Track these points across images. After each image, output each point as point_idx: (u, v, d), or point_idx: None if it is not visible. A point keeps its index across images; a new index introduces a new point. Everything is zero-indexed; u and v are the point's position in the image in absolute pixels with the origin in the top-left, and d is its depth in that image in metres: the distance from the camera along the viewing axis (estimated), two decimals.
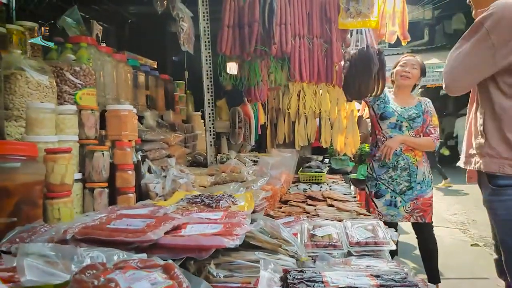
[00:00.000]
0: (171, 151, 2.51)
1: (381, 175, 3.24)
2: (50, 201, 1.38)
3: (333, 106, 4.75)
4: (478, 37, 1.79)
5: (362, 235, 1.65)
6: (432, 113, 3.16)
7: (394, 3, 2.78)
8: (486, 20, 1.76)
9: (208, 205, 1.49)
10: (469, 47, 1.83)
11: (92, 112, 1.78)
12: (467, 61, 1.85)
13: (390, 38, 2.80)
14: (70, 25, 3.12)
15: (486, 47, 1.77)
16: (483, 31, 1.76)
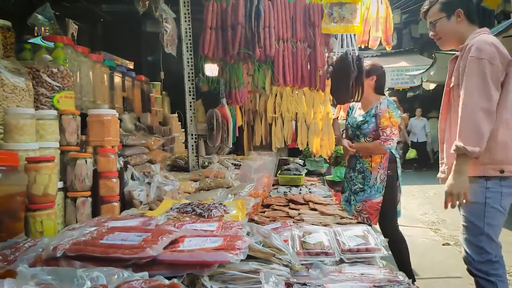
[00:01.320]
0: (152, 156, 2.43)
1: (346, 174, 3.63)
2: (32, 213, 1.29)
3: (309, 108, 4.79)
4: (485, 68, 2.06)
5: (353, 242, 1.65)
6: (381, 115, 3.12)
7: (378, 9, 2.82)
8: (481, 54, 2.07)
9: (200, 215, 1.45)
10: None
11: (73, 117, 1.69)
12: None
13: (373, 43, 2.84)
14: (42, 23, 2.98)
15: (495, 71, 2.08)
16: (485, 63, 2.06)
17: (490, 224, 2.16)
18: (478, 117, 2.07)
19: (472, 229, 2.21)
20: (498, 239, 2.22)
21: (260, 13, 2.27)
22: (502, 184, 2.17)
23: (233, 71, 2.88)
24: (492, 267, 2.18)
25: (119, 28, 4.90)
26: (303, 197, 2.94)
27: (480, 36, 2.17)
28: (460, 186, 2.13)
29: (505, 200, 2.19)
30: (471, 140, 2.06)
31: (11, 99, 1.63)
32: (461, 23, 2.30)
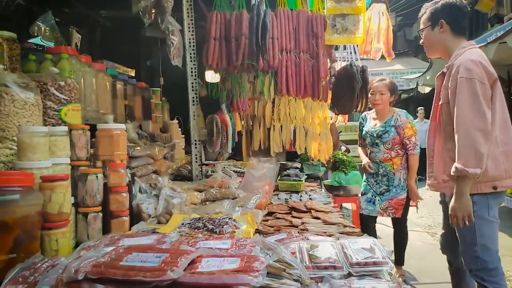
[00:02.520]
0: (157, 166, 2.44)
1: (368, 178, 4.00)
2: (48, 231, 1.31)
3: (307, 113, 4.82)
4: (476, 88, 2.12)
5: (361, 255, 1.67)
6: (404, 126, 3.63)
7: (379, 21, 2.86)
8: (471, 74, 2.13)
9: (212, 231, 1.47)
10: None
11: (83, 132, 1.71)
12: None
13: (375, 55, 2.88)
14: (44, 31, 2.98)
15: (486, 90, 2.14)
16: (475, 83, 2.12)
17: (482, 234, 2.25)
18: (476, 138, 2.10)
19: (466, 241, 2.32)
20: (496, 246, 2.29)
21: (267, 26, 2.29)
22: (489, 197, 2.26)
23: (235, 80, 2.90)
24: (488, 274, 2.26)
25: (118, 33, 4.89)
26: (305, 205, 2.97)
27: (467, 54, 2.22)
28: (463, 208, 2.18)
29: (493, 210, 2.27)
30: (471, 162, 2.10)
31: (22, 114, 1.64)
32: (444, 34, 2.34)
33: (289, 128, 5.42)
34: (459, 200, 2.19)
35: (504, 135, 2.24)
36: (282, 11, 2.62)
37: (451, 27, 2.33)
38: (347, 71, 2.55)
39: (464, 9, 2.36)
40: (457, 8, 2.33)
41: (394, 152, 3.77)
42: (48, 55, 2.28)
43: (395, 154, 3.77)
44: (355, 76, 2.47)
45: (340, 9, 2.54)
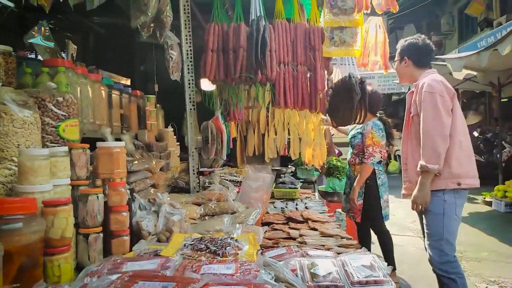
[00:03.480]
0: (154, 179, 2.43)
1: (346, 179, 4.37)
2: (50, 257, 1.29)
3: (301, 119, 4.84)
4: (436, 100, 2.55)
5: (362, 273, 1.68)
6: (366, 135, 3.83)
7: (376, 34, 2.88)
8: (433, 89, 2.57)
9: (214, 253, 1.46)
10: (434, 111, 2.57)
11: (83, 151, 1.69)
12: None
13: (372, 67, 2.90)
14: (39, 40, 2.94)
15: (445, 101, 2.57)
16: (436, 96, 2.54)
17: (448, 230, 2.63)
18: (435, 140, 2.55)
19: (434, 235, 2.68)
20: (455, 242, 2.69)
21: (266, 42, 2.29)
22: (456, 196, 2.65)
23: (232, 91, 2.90)
24: (451, 266, 2.64)
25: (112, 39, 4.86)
26: (301, 214, 2.98)
27: (430, 76, 2.69)
28: (423, 197, 2.62)
29: (459, 209, 2.69)
30: (431, 159, 2.56)
31: (21, 133, 1.62)
32: (408, 67, 2.85)
33: (284, 134, 5.45)
34: (421, 190, 2.62)
35: (467, 141, 2.69)
36: (279, 23, 2.62)
37: (413, 62, 2.84)
38: (346, 82, 2.57)
39: (424, 48, 2.83)
40: (418, 47, 2.82)
41: (358, 159, 4.01)
42: (45, 68, 2.25)
43: (359, 160, 4.00)
44: (354, 87, 2.50)
45: (338, 22, 2.55)
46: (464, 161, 2.65)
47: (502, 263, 4.72)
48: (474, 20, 13.02)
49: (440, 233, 2.64)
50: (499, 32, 8.29)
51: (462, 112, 2.69)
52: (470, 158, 2.70)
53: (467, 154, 2.67)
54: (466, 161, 2.66)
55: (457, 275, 2.63)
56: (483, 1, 12.17)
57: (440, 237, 2.64)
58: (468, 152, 2.69)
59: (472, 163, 2.71)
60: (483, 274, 4.40)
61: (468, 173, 2.66)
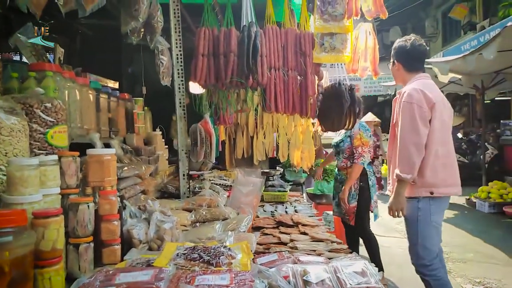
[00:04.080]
0: (144, 186, 2.41)
1: (335, 184, 4.38)
2: (40, 270, 1.26)
3: (290, 121, 4.86)
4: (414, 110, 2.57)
5: (354, 280, 1.69)
6: (354, 136, 3.95)
7: (366, 40, 2.90)
8: (411, 99, 2.59)
9: (208, 262, 1.45)
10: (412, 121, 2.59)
11: (73, 159, 1.66)
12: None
13: (362, 73, 2.92)
14: (25, 44, 2.89)
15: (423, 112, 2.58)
16: (414, 106, 2.57)
17: (423, 236, 2.68)
18: (410, 150, 2.57)
19: (410, 240, 2.79)
20: (434, 247, 2.72)
21: (257, 48, 2.29)
22: (431, 203, 2.68)
23: (222, 95, 2.89)
24: (426, 269, 2.71)
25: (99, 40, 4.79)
26: (292, 218, 3.00)
27: (413, 84, 2.70)
28: (398, 204, 2.67)
29: (435, 216, 2.70)
30: (405, 168, 2.60)
31: (8, 141, 1.58)
32: (399, 70, 2.85)
33: (272, 136, 5.45)
34: (396, 198, 2.67)
35: (444, 149, 2.68)
36: (270, 28, 2.62)
37: (402, 66, 2.83)
38: (336, 89, 2.59)
39: (412, 52, 2.79)
40: (406, 51, 2.80)
41: (350, 162, 4.06)
42: (32, 72, 2.20)
43: (350, 164, 4.05)
44: (344, 94, 2.52)
45: (328, 28, 2.56)
46: (440, 170, 2.65)
47: (487, 264, 4.81)
48: (458, 24, 13.26)
49: (415, 238, 2.71)
50: (482, 36, 8.44)
51: (444, 120, 2.69)
52: (447, 166, 2.70)
53: (443, 163, 2.67)
54: (442, 170, 2.66)
55: (431, 277, 2.70)
56: (466, 5, 12.40)
57: (415, 242, 2.72)
58: (445, 161, 2.68)
59: (449, 171, 2.71)
60: (468, 275, 4.48)
61: (445, 182, 2.68)
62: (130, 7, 2.01)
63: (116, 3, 2.23)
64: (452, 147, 2.78)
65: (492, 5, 11.03)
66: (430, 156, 2.63)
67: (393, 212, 2.72)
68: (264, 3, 2.80)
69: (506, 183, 8.01)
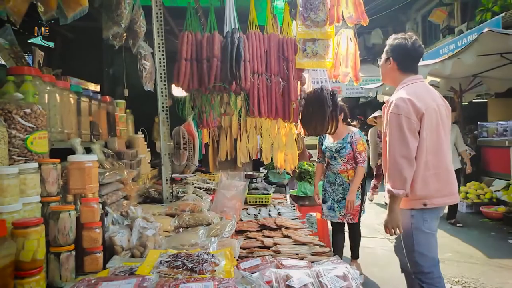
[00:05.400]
0: (126, 191, 2.39)
1: (327, 187, 4.48)
2: (21, 281, 1.24)
3: (273, 124, 4.88)
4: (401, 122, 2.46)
5: (336, 284, 1.72)
6: (357, 142, 4.21)
7: (347, 46, 2.95)
8: (398, 110, 2.47)
9: (191, 270, 1.45)
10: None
11: (53, 166, 1.64)
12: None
13: (343, 79, 2.97)
14: (3, 46, 2.83)
15: (411, 123, 2.47)
16: (401, 118, 2.46)
17: (418, 243, 2.61)
18: (400, 164, 2.47)
19: (407, 248, 2.69)
20: (432, 253, 2.66)
21: (241, 54, 2.30)
22: (424, 212, 2.60)
23: (205, 99, 2.89)
24: (425, 276, 2.63)
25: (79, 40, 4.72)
26: (275, 221, 3.01)
27: (400, 92, 2.56)
28: (393, 221, 2.56)
29: (428, 223, 2.62)
30: (396, 184, 2.49)
31: None
32: (392, 69, 2.67)
33: (256, 138, 5.46)
34: (390, 214, 2.57)
35: (436, 159, 2.56)
36: (253, 34, 2.64)
37: (398, 65, 2.65)
38: (318, 94, 2.62)
39: (413, 53, 2.62)
40: (406, 50, 2.61)
41: (349, 165, 4.28)
42: (10, 76, 2.15)
43: (350, 167, 4.28)
44: (326, 100, 2.55)
45: (310, 34, 2.59)
46: (431, 181, 2.55)
47: (465, 263, 4.93)
48: (437, 27, 13.54)
49: (411, 245, 2.64)
50: (460, 40, 8.66)
51: (437, 130, 2.57)
52: (439, 176, 2.58)
53: (435, 173, 2.56)
54: (434, 181, 2.56)
55: (428, 286, 2.62)
56: (445, 9, 12.68)
57: (411, 249, 2.64)
58: (438, 171, 2.57)
59: (443, 181, 2.59)
60: (447, 275, 4.57)
61: (439, 192, 2.58)
62: (112, 12, 1.99)
63: (98, 7, 2.20)
64: (445, 154, 2.63)
65: (470, 10, 11.31)
66: (420, 168, 2.52)
67: (389, 230, 2.60)
68: (247, 7, 2.81)
69: (483, 183, 8.22)
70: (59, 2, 1.56)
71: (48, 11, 1.53)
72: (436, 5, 13.20)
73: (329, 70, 3.00)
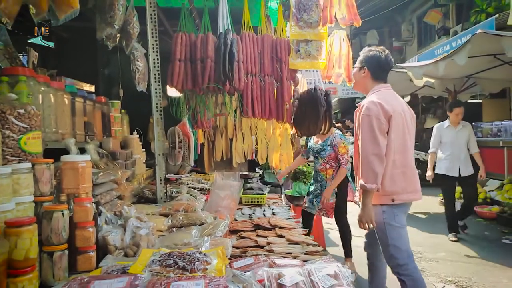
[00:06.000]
0: (120, 191, 2.40)
1: (310, 184, 4.91)
2: (13, 279, 1.26)
3: (268, 125, 4.90)
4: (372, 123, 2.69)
5: (327, 283, 1.74)
6: (338, 145, 4.45)
7: (340, 47, 2.98)
8: (369, 112, 2.71)
9: (183, 268, 1.47)
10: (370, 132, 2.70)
11: (47, 166, 1.65)
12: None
13: (336, 79, 3.00)
14: None
15: (381, 124, 2.70)
16: (372, 118, 2.68)
17: (392, 237, 2.80)
18: (372, 161, 2.68)
19: (382, 242, 2.88)
20: (405, 246, 2.84)
21: (234, 55, 2.32)
22: (394, 207, 2.81)
23: (200, 99, 2.91)
24: (401, 268, 2.80)
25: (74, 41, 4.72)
26: (269, 221, 3.04)
27: (371, 97, 2.82)
28: (366, 215, 2.76)
29: (398, 217, 2.82)
30: (369, 179, 2.69)
31: None
32: (365, 77, 2.92)
33: (251, 138, 5.48)
34: (364, 209, 2.77)
35: (402, 158, 2.79)
36: (247, 35, 2.66)
37: (371, 74, 2.92)
38: (312, 94, 2.64)
39: (385, 65, 2.91)
40: (380, 62, 2.89)
41: (328, 165, 4.59)
42: (4, 77, 2.16)
43: (329, 166, 4.59)
44: (320, 100, 2.57)
45: (303, 35, 2.62)
46: (398, 179, 2.77)
47: (458, 263, 4.97)
48: (432, 28, 13.61)
49: (385, 240, 2.82)
50: (454, 41, 8.72)
51: (403, 131, 2.79)
52: (406, 174, 2.81)
53: (402, 171, 2.78)
54: (401, 178, 2.78)
55: (406, 277, 2.79)
56: (440, 10, 12.75)
57: (386, 243, 2.82)
58: (404, 169, 2.80)
59: (409, 179, 2.82)
60: (440, 274, 4.62)
61: (405, 189, 2.79)
62: (105, 13, 2.00)
63: (92, 7, 2.21)
64: (411, 154, 2.89)
65: (465, 11, 11.37)
66: (388, 166, 2.74)
67: (363, 224, 2.80)
68: (240, 9, 2.83)
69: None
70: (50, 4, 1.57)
71: (40, 13, 1.55)
72: (431, 6, 13.27)
73: (322, 70, 3.03)
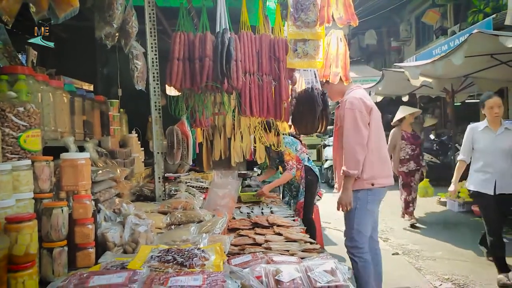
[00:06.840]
0: (119, 189, 2.42)
1: (285, 185, 4.94)
2: (14, 274, 1.27)
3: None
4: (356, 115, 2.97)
5: (324, 279, 1.76)
6: (284, 153, 4.52)
7: (338, 46, 3.00)
8: (352, 106, 2.99)
9: (181, 264, 1.49)
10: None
11: (46, 163, 1.67)
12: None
13: (333, 78, 3.01)
14: None
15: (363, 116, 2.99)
16: (355, 112, 2.96)
17: (359, 222, 3.09)
18: (355, 149, 2.95)
19: (348, 225, 3.16)
20: (367, 232, 3.13)
21: (231, 54, 2.34)
22: (369, 194, 3.08)
23: (198, 98, 2.92)
24: (357, 250, 3.09)
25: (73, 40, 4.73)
26: (267, 219, 3.06)
27: (352, 93, 3.10)
28: (346, 198, 3.03)
29: (371, 204, 3.11)
30: (351, 165, 2.96)
31: None
32: (339, 83, 3.18)
33: (249, 138, 5.50)
34: (344, 192, 3.04)
35: (378, 146, 3.09)
36: (245, 34, 2.68)
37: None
38: (309, 94, 2.66)
39: None
40: None
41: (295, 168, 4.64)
42: (4, 76, 2.18)
43: (296, 168, 4.60)
44: (317, 99, 2.60)
45: (301, 34, 2.64)
46: (376, 164, 3.06)
47: (455, 261, 5.00)
48: (430, 28, 13.65)
49: (351, 223, 3.11)
50: (452, 41, 8.75)
51: (378, 122, 3.11)
52: (381, 159, 3.11)
53: (379, 157, 3.07)
54: (377, 163, 3.07)
55: (359, 259, 3.08)
56: (438, 10, 12.79)
57: (351, 227, 3.11)
58: (380, 155, 3.10)
59: (383, 164, 3.14)
60: (437, 272, 4.64)
61: (381, 174, 3.09)
62: (104, 12, 2.02)
63: (91, 7, 2.23)
64: (384, 142, 3.22)
65: (462, 11, 11.41)
66: (369, 153, 3.02)
67: (342, 206, 3.07)
68: (239, 8, 2.85)
69: None
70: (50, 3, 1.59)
71: (40, 11, 1.56)
72: (429, 6, 13.31)
73: (319, 70, 3.06)
